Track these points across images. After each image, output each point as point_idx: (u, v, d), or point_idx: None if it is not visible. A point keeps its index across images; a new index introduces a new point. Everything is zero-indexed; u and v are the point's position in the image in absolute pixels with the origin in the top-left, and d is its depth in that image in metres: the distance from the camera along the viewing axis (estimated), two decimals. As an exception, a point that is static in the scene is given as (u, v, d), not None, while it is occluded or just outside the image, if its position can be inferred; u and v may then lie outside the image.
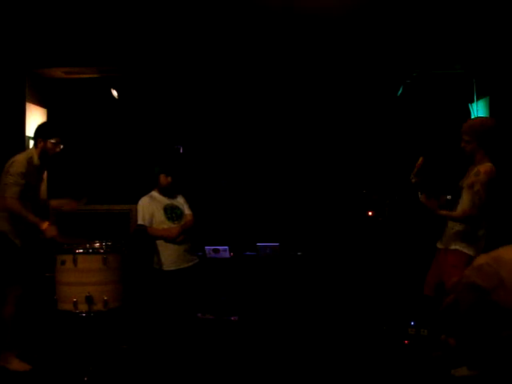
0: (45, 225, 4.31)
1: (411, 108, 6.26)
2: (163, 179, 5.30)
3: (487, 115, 5.63)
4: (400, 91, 6.01)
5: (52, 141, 4.53)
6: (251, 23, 5.60)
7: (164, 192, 5.34)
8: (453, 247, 4.27)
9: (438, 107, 6.16)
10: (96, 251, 4.09)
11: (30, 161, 4.47)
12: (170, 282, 5.14)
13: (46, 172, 5.17)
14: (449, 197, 4.46)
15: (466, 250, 4.20)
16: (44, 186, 5.96)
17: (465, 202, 4.21)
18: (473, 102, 5.86)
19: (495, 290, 0.90)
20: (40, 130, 4.64)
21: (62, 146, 4.61)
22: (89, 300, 3.95)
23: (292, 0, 5.30)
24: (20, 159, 4.46)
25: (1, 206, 4.36)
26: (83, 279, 3.99)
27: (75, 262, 4.00)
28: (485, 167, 4.15)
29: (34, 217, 4.34)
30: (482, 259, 0.97)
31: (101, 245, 4.16)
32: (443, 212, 4.29)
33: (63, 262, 4.04)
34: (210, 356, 4.87)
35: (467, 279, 0.95)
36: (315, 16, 5.46)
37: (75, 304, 3.95)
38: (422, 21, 5.45)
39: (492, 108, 5.58)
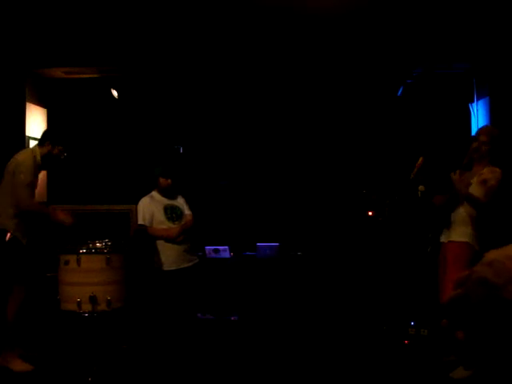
0: (61, 214, 4.41)
1: (411, 108, 6.26)
2: (163, 181, 5.31)
3: (487, 115, 5.65)
4: (400, 91, 6.01)
5: (60, 147, 4.59)
6: (251, 23, 5.60)
7: (164, 193, 5.35)
8: (459, 239, 4.33)
9: (438, 107, 6.16)
10: (99, 251, 4.10)
11: (34, 160, 4.49)
12: (170, 281, 5.14)
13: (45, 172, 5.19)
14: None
15: (473, 243, 4.29)
16: (44, 186, 5.97)
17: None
18: (473, 101, 5.86)
19: (506, 287, 0.90)
20: (51, 133, 4.72)
21: (65, 154, 4.67)
22: (93, 300, 3.96)
23: (291, 0, 5.30)
24: (27, 159, 4.47)
25: (9, 204, 4.38)
26: (87, 279, 4.01)
27: (79, 261, 4.01)
28: (497, 169, 4.28)
29: (45, 209, 4.46)
30: (492, 255, 0.96)
31: (104, 245, 4.17)
32: (471, 194, 4.32)
33: (67, 262, 4.05)
34: (210, 356, 4.87)
35: (477, 274, 0.95)
36: (315, 16, 5.46)
37: (79, 304, 3.96)
38: (422, 21, 5.45)
39: (492, 108, 5.59)
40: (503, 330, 0.90)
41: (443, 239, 4.49)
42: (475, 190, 4.30)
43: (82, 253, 4.05)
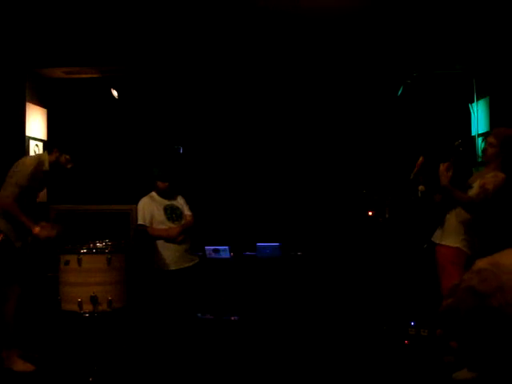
0: (36, 229, 4.33)
1: (411, 108, 6.26)
2: (160, 184, 5.33)
3: (487, 115, 5.64)
4: (400, 91, 6.01)
5: (67, 156, 4.61)
6: (251, 23, 5.60)
7: (163, 195, 5.35)
8: (455, 245, 4.27)
9: (438, 107, 6.16)
10: (100, 251, 4.10)
11: (40, 164, 4.50)
12: (170, 281, 5.14)
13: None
14: None
15: (465, 249, 4.23)
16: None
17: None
18: (473, 102, 5.86)
19: (494, 295, 0.90)
20: (61, 142, 4.75)
21: (72, 164, 4.69)
22: (94, 300, 3.95)
23: (292, 1, 5.30)
24: (29, 162, 4.49)
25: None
26: (88, 279, 4.00)
27: (79, 262, 4.00)
28: (502, 174, 4.13)
29: (27, 220, 4.35)
30: (481, 263, 0.96)
31: (105, 245, 4.16)
32: (451, 187, 4.24)
33: (67, 263, 4.04)
34: (210, 356, 4.87)
35: (466, 283, 0.95)
36: (316, 16, 5.46)
37: (80, 304, 3.95)
38: (422, 21, 5.46)
39: (492, 108, 5.59)
40: (493, 339, 0.90)
41: (435, 240, 4.46)
42: (473, 193, 4.21)
43: (83, 253, 4.04)
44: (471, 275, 0.94)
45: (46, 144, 6.09)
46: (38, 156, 4.72)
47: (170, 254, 5.19)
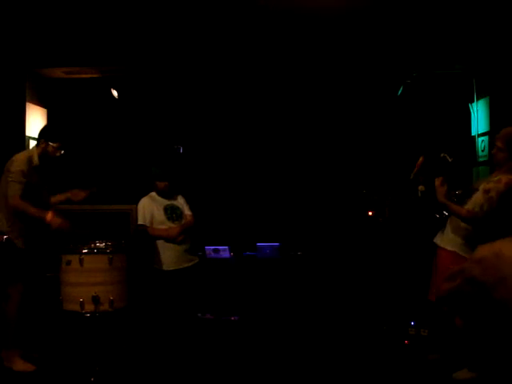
0: (49, 216, 4.28)
1: (411, 108, 6.27)
2: (159, 184, 5.32)
3: (487, 115, 5.65)
4: (400, 91, 6.02)
5: (54, 145, 4.52)
6: (251, 23, 5.61)
7: (162, 194, 5.35)
8: (453, 249, 4.23)
9: (438, 107, 6.17)
10: (102, 251, 4.09)
11: (30, 160, 4.47)
12: (170, 281, 5.14)
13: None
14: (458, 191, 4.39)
15: (463, 254, 4.15)
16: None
17: (474, 203, 4.13)
18: (473, 101, 5.87)
19: (496, 287, 0.90)
20: (44, 131, 4.65)
21: (62, 152, 4.62)
22: (95, 300, 3.95)
23: (292, 0, 5.31)
24: (20, 158, 4.46)
25: (4, 205, 4.37)
26: (89, 279, 3.98)
27: (81, 262, 3.99)
28: (507, 178, 3.98)
29: (36, 210, 4.32)
30: (482, 252, 0.96)
31: (106, 245, 4.16)
32: (448, 202, 4.21)
33: (69, 263, 4.03)
34: (210, 356, 4.87)
35: (467, 273, 0.95)
36: (315, 16, 5.47)
37: (82, 304, 3.95)
38: (422, 21, 5.47)
39: (492, 108, 5.60)
40: (496, 327, 0.90)
41: (437, 241, 4.44)
42: (477, 197, 4.11)
43: (85, 253, 4.04)
44: (473, 264, 0.94)
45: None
46: (27, 151, 4.69)
47: (169, 253, 5.19)
